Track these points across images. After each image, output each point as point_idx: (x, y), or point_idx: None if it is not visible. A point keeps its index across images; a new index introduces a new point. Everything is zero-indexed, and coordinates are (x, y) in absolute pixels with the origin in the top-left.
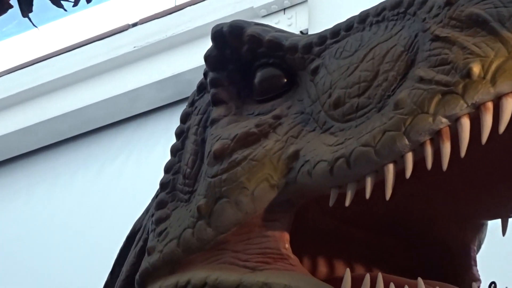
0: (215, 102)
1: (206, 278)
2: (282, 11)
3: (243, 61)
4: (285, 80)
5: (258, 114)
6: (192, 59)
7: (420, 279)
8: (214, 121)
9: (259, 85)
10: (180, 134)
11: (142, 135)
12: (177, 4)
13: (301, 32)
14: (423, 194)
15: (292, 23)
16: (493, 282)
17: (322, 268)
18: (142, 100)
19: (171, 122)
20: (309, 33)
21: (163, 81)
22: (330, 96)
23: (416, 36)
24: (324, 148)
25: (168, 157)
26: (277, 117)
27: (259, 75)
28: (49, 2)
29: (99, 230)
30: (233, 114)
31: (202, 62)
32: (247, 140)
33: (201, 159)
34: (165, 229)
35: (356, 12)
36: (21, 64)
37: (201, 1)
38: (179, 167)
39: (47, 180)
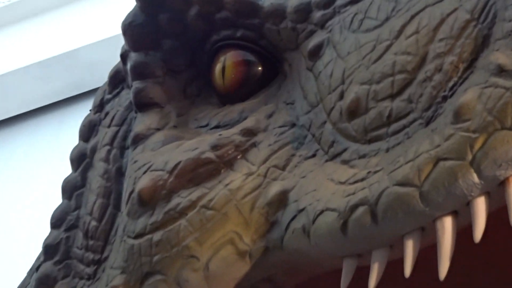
0: (142, 104)
1: None
2: None
3: (191, 34)
4: (262, 67)
5: (217, 127)
6: (94, 27)
7: None
8: (140, 139)
9: (218, 75)
10: (79, 160)
11: (9, 155)
12: None
13: None
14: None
15: None
16: None
17: None
18: (9, 97)
19: (59, 133)
20: None
21: (43, 64)
22: (341, 96)
23: None
24: (332, 187)
25: (54, 196)
26: (250, 133)
27: (218, 59)
28: None
29: None
30: (172, 127)
31: (114, 33)
32: (198, 172)
33: (116, 204)
34: None
35: None
36: None
37: None
38: (77, 217)
39: None
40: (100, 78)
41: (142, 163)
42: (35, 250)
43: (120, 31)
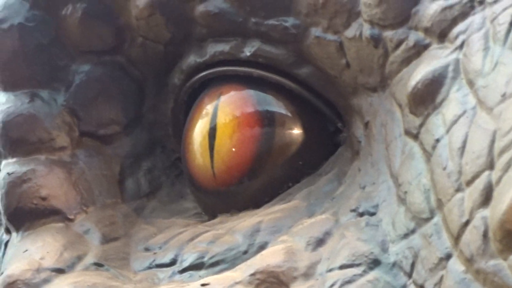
0: (20, 213)
1: None
2: None
3: (136, 52)
4: (302, 129)
5: (196, 267)
6: None
7: None
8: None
9: (200, 146)
10: None
11: None
12: None
13: None
14: None
15: None
16: None
17: None
18: None
19: None
20: None
21: None
22: (487, 199)
23: None
24: None
25: None
26: (273, 282)
27: (200, 110)
28: None
29: None
30: (92, 265)
31: None
32: None
33: None
34: None
35: None
36: None
37: None
38: None
39: None
40: None
41: None
42: None
43: None
